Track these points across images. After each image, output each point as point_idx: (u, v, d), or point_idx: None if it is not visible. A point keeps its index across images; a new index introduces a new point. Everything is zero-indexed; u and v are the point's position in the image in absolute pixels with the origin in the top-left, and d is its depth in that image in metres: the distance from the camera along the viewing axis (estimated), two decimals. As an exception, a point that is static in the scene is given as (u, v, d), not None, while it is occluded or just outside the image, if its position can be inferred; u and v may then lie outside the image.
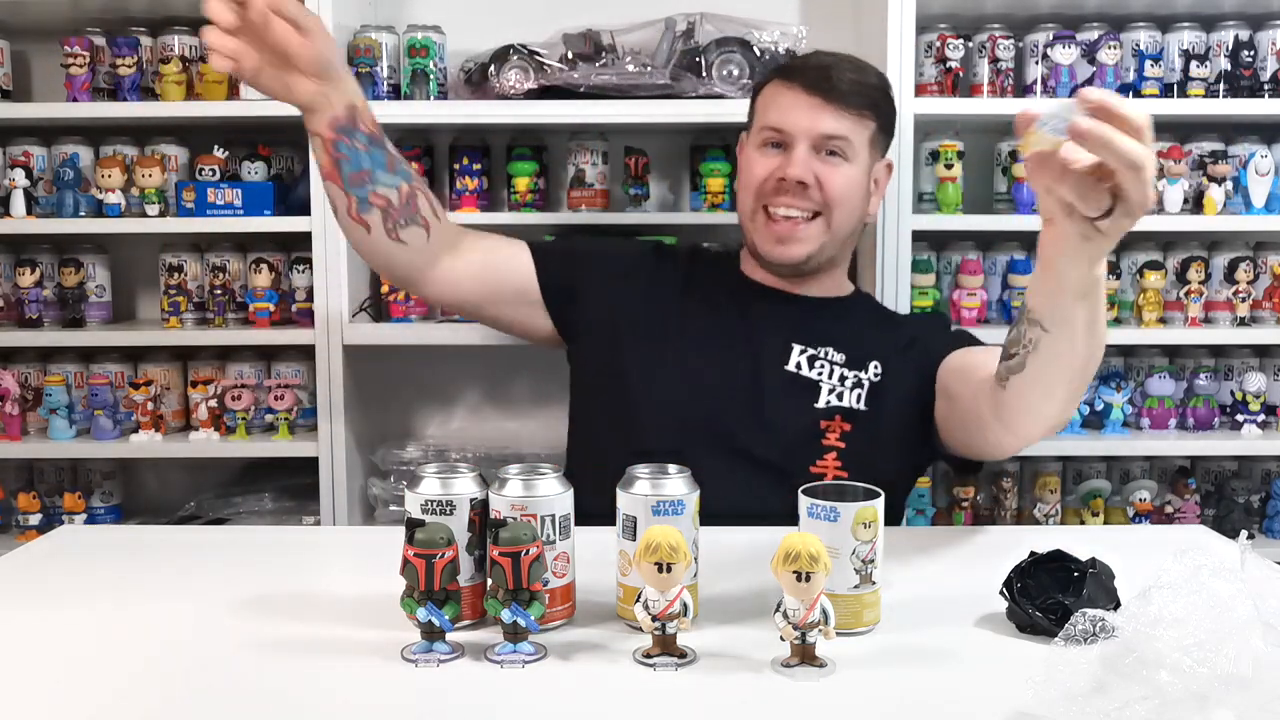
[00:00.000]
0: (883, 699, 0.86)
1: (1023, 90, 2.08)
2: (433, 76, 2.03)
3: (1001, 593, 0.99)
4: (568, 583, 0.99)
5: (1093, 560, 0.98)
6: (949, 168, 2.04)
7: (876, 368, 1.44)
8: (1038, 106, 0.91)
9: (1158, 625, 0.78)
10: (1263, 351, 2.17)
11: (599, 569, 1.02)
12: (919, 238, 2.01)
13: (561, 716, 0.84)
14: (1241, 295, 2.08)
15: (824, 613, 0.87)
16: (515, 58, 1.99)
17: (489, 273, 1.50)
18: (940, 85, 2.05)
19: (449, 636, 0.92)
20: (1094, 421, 2.09)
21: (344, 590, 1.12)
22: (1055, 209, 0.95)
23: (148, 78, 2.10)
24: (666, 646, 0.90)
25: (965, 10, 2.12)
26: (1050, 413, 1.19)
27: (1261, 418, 2.09)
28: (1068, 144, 0.88)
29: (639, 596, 0.90)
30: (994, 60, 2.04)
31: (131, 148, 2.14)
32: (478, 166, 2.09)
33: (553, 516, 0.97)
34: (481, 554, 0.98)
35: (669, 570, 0.87)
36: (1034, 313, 1.10)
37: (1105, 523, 2.12)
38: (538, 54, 2.00)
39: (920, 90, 2.03)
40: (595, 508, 1.04)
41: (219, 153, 2.08)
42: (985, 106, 2.04)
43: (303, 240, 2.01)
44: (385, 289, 2.07)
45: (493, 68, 2.00)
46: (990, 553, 1.11)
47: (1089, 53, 2.04)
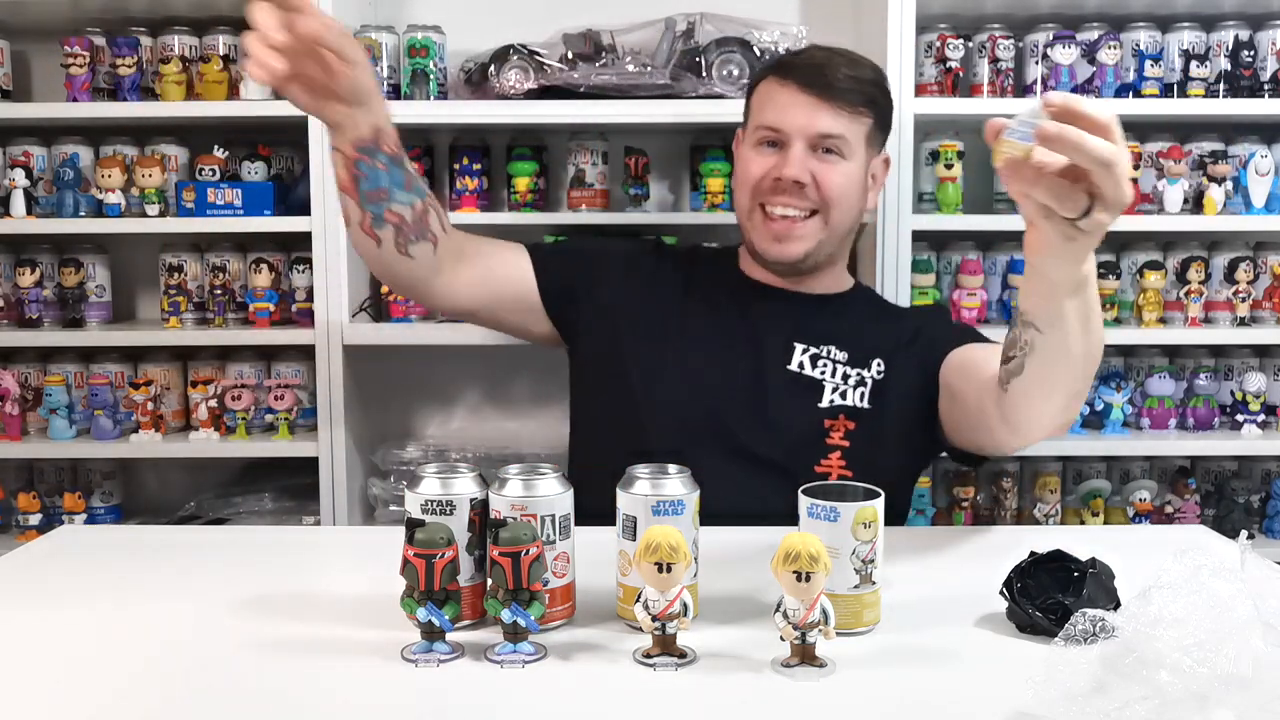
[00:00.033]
0: (883, 699, 0.86)
1: (1023, 90, 2.08)
2: (433, 76, 2.03)
3: (1001, 593, 0.99)
4: (568, 583, 0.99)
5: (1093, 560, 0.98)
6: (949, 168, 2.04)
7: (879, 365, 1.44)
8: (1005, 116, 0.92)
9: (1158, 625, 0.78)
10: (1263, 351, 2.17)
11: (599, 569, 1.02)
12: (919, 238, 2.01)
13: (561, 716, 0.84)
14: (1241, 295, 2.08)
15: (824, 613, 0.87)
16: (515, 58, 1.99)
17: (490, 281, 1.50)
18: (940, 85, 2.05)
19: (449, 636, 0.92)
20: (1094, 421, 2.09)
21: (344, 590, 1.12)
22: (1034, 213, 0.96)
23: (148, 78, 2.10)
24: (666, 646, 0.90)
25: (965, 10, 2.12)
26: (1053, 413, 1.19)
27: (1261, 418, 2.09)
28: (1038, 149, 0.89)
29: (639, 596, 0.90)
30: (994, 60, 2.04)
31: (131, 148, 2.14)
32: (478, 166, 2.10)
33: (553, 516, 0.97)
34: (481, 554, 0.98)
35: (669, 570, 0.87)
36: (1027, 315, 1.10)
37: (1105, 523, 2.12)
38: (538, 54, 2.00)
39: (920, 90, 2.03)
40: (598, 508, 1.04)
41: (219, 153, 2.08)
42: (985, 106, 2.03)
43: (303, 240, 2.01)
44: (385, 289, 2.07)
45: (493, 68, 2.00)
46: (990, 553, 1.11)
47: (1089, 53, 2.04)
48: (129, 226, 2.06)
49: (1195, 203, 2.08)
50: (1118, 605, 0.93)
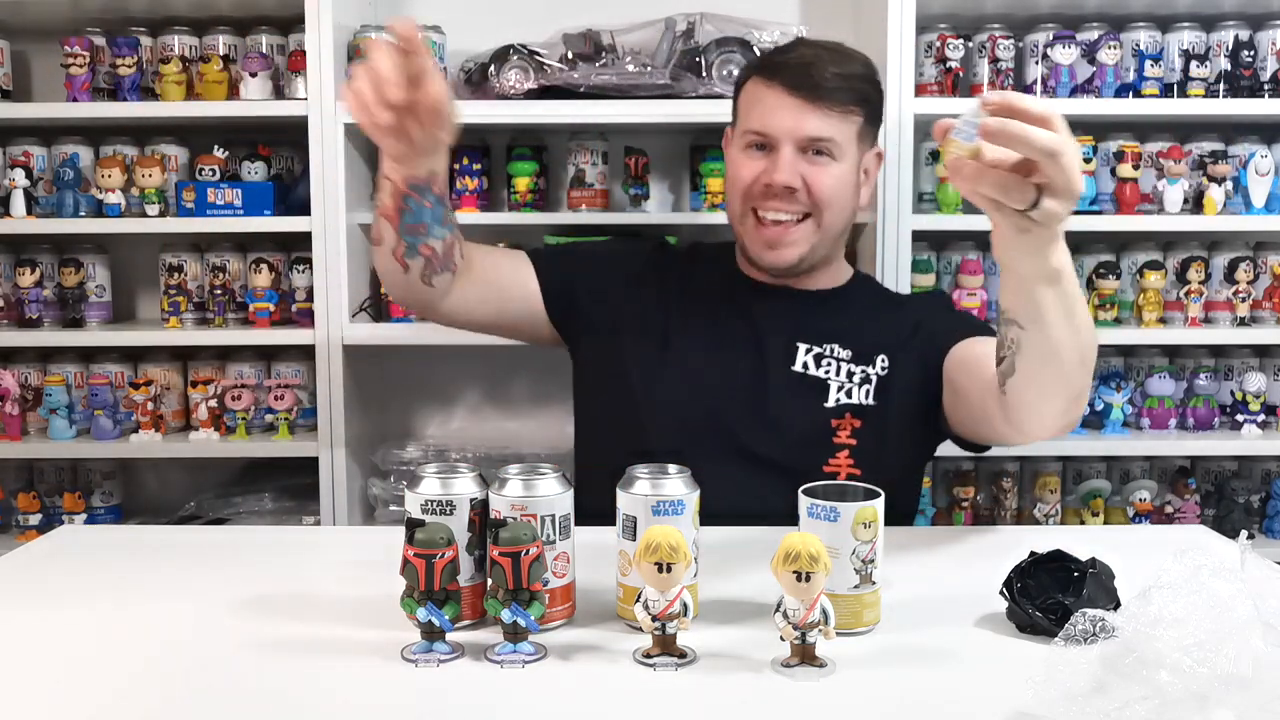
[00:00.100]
0: (883, 699, 0.86)
1: (1023, 90, 2.07)
2: (433, 76, 2.03)
3: (1001, 593, 0.99)
4: (568, 583, 0.99)
5: (1093, 560, 0.98)
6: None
7: (883, 361, 1.43)
8: (951, 116, 0.95)
9: (1158, 625, 0.78)
10: (1263, 351, 2.17)
11: (599, 569, 1.02)
12: (919, 238, 2.01)
13: (561, 716, 0.84)
14: (1241, 295, 2.08)
15: (824, 613, 0.87)
16: (515, 58, 1.99)
17: (496, 295, 1.49)
18: (940, 85, 2.05)
19: (449, 636, 0.92)
20: (1094, 421, 2.09)
21: (344, 590, 1.12)
22: (986, 208, 0.98)
23: (148, 78, 2.10)
24: (666, 646, 0.90)
25: (965, 10, 2.12)
26: (1054, 413, 1.19)
27: (1261, 418, 2.09)
28: (987, 146, 0.92)
29: (639, 596, 0.90)
30: (994, 60, 2.04)
31: (131, 148, 2.14)
32: (478, 166, 2.09)
33: (553, 516, 0.97)
34: (481, 554, 0.98)
35: (669, 570, 0.87)
36: (1008, 312, 1.13)
37: (1105, 523, 2.12)
38: (538, 54, 2.00)
39: (920, 90, 2.03)
40: (602, 508, 1.04)
41: (219, 153, 2.08)
42: (985, 107, 2.03)
43: (303, 240, 2.01)
44: (385, 289, 2.07)
45: (493, 68, 2.00)
46: (990, 553, 1.11)
47: (1089, 53, 2.04)
48: (129, 226, 2.06)
49: (1195, 203, 2.08)
50: (1118, 605, 0.93)
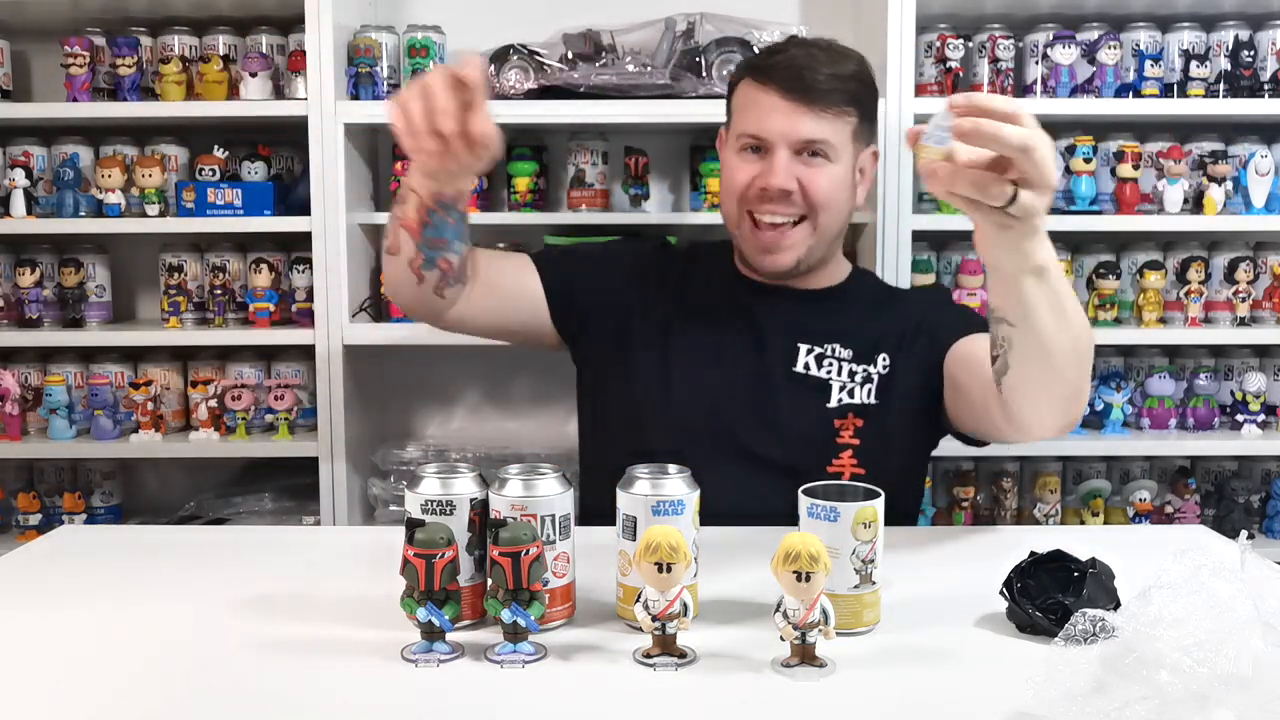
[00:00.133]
0: (883, 699, 0.86)
1: (1023, 90, 2.08)
2: (433, 76, 2.03)
3: (1001, 593, 0.99)
4: (568, 583, 0.99)
5: (1093, 560, 0.98)
6: (949, 168, 2.03)
7: (885, 360, 1.43)
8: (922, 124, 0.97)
9: (1158, 625, 0.78)
10: (1263, 351, 2.17)
11: (599, 569, 1.02)
12: (919, 238, 2.01)
13: (561, 716, 0.84)
14: (1241, 295, 2.08)
15: (824, 613, 0.87)
16: (515, 58, 1.99)
17: (501, 302, 1.48)
18: (940, 85, 2.05)
19: (449, 636, 0.92)
20: (1094, 421, 2.09)
21: (344, 590, 1.12)
22: (964, 208, 1.00)
23: (148, 78, 2.10)
24: (666, 646, 0.90)
25: (965, 10, 2.12)
26: (1052, 411, 1.20)
27: (1261, 418, 2.09)
28: (959, 148, 0.94)
29: (639, 596, 0.90)
30: (994, 60, 2.04)
31: (131, 148, 2.14)
32: (478, 166, 2.09)
33: (553, 516, 0.97)
34: (481, 554, 0.98)
35: (669, 570, 0.87)
36: (997, 310, 1.14)
37: (1105, 523, 2.12)
38: (538, 54, 2.00)
39: (920, 90, 2.03)
40: (606, 509, 1.04)
41: (219, 153, 2.08)
42: (985, 106, 2.03)
43: (303, 240, 2.01)
44: (385, 289, 2.07)
45: (493, 68, 2.00)
46: (990, 553, 1.11)
47: (1089, 53, 2.04)
48: (129, 226, 2.06)
49: (1195, 203, 2.08)
50: (1118, 605, 0.93)
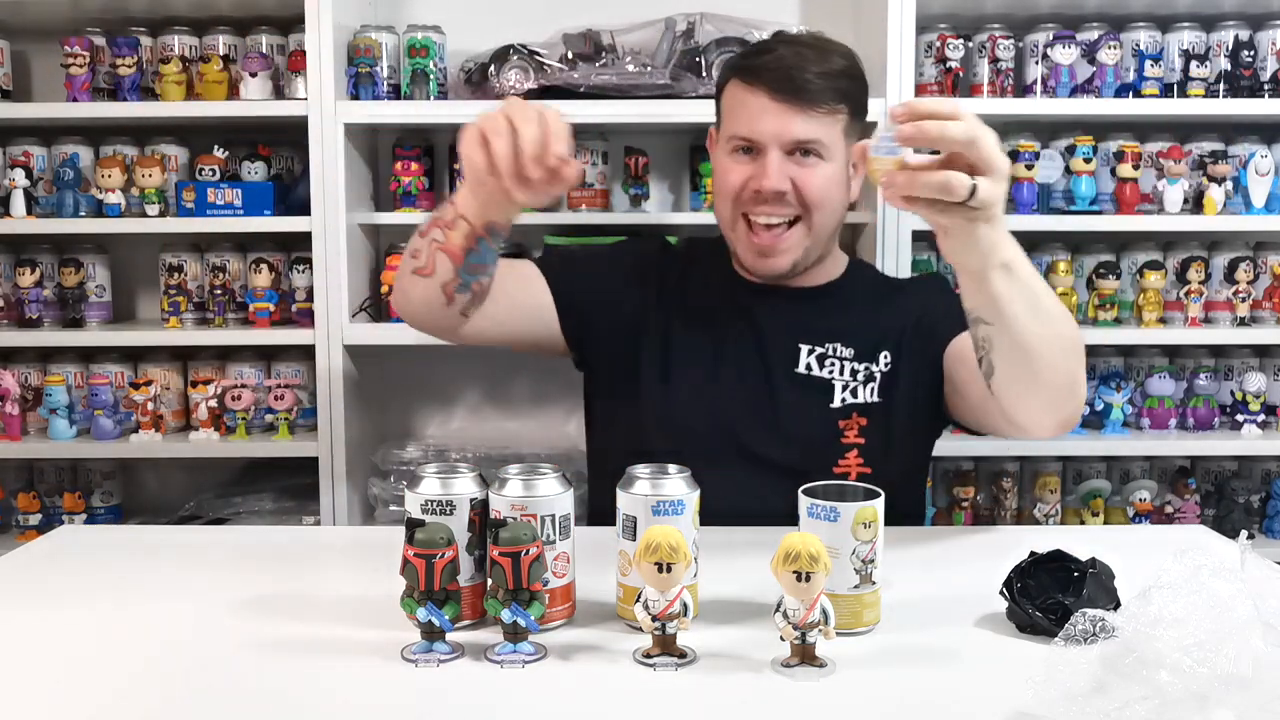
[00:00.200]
0: (883, 699, 0.86)
1: (1023, 90, 2.08)
2: (433, 76, 2.03)
3: (1001, 593, 0.99)
4: (568, 583, 0.99)
5: (1093, 560, 0.98)
6: (949, 168, 2.03)
7: (886, 357, 1.43)
8: (868, 139, 1.02)
9: (1158, 625, 0.78)
10: (1263, 351, 2.17)
11: (599, 569, 1.02)
12: (919, 238, 2.01)
13: (561, 716, 0.84)
14: (1241, 295, 2.08)
15: (824, 613, 0.87)
16: (515, 58, 1.99)
17: (511, 314, 1.46)
18: (940, 85, 2.05)
19: (449, 636, 0.92)
20: (1094, 421, 2.09)
21: (344, 590, 1.12)
22: (928, 211, 1.02)
23: (148, 78, 2.10)
24: (666, 646, 0.90)
25: (965, 10, 2.12)
26: (1042, 407, 1.20)
27: (1261, 418, 2.09)
28: (908, 155, 0.98)
29: (639, 596, 0.90)
30: (994, 60, 2.04)
31: (131, 148, 2.14)
32: (478, 166, 2.09)
33: (553, 516, 0.97)
34: (481, 554, 0.98)
35: (669, 570, 0.87)
36: (973, 311, 1.16)
37: (1105, 523, 2.12)
38: (538, 54, 2.00)
39: (920, 90, 2.03)
40: (613, 512, 1.04)
41: (219, 153, 2.08)
42: (985, 106, 2.03)
43: (303, 240, 2.01)
44: (385, 289, 2.07)
45: (493, 68, 2.00)
46: (990, 553, 1.11)
47: (1089, 53, 2.04)
48: (129, 226, 2.06)
49: (1195, 203, 2.08)
50: (1118, 605, 0.93)
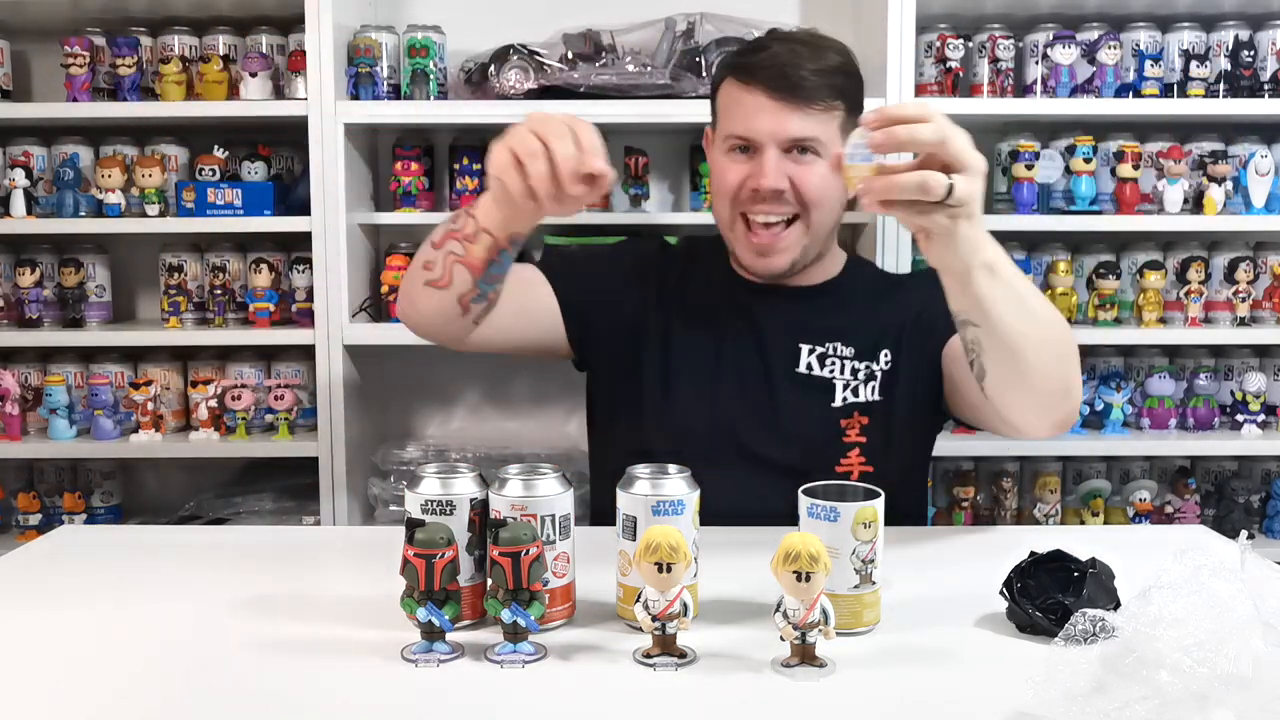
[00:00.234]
0: (883, 699, 0.86)
1: (1023, 90, 2.08)
2: (433, 76, 2.03)
3: (1001, 593, 0.99)
4: (568, 583, 0.99)
5: (1093, 560, 0.98)
6: (949, 168, 2.03)
7: (886, 355, 1.43)
8: (842, 147, 1.05)
9: (1158, 625, 0.78)
10: (1263, 351, 2.17)
11: (599, 569, 1.02)
12: (919, 238, 2.01)
13: (561, 716, 0.84)
14: (1241, 295, 2.08)
15: (824, 613, 0.87)
16: (515, 58, 1.99)
17: (522, 321, 1.46)
18: (940, 85, 2.05)
19: (449, 636, 0.92)
20: (1094, 421, 2.09)
21: (344, 590, 1.12)
22: (909, 214, 1.03)
23: (148, 78, 2.10)
24: (666, 646, 0.90)
25: (965, 10, 2.12)
26: (1036, 408, 1.20)
27: (1261, 418, 2.09)
28: (881, 158, 1.00)
29: (639, 596, 0.90)
30: (994, 60, 2.04)
31: (131, 148, 2.14)
32: (478, 166, 2.09)
33: (553, 516, 0.97)
34: (481, 554, 0.98)
35: (669, 570, 0.87)
36: (960, 314, 1.16)
37: (1105, 523, 2.12)
38: (538, 54, 2.00)
39: (920, 90, 2.03)
40: (611, 510, 1.04)
41: (219, 153, 2.08)
42: (985, 106, 2.04)
43: (303, 240, 2.01)
44: (385, 289, 2.07)
45: (493, 68, 2.00)
46: (990, 553, 1.11)
47: (1089, 53, 2.04)
48: (129, 226, 2.06)
49: (1195, 203, 2.08)
50: (1118, 605, 0.93)
